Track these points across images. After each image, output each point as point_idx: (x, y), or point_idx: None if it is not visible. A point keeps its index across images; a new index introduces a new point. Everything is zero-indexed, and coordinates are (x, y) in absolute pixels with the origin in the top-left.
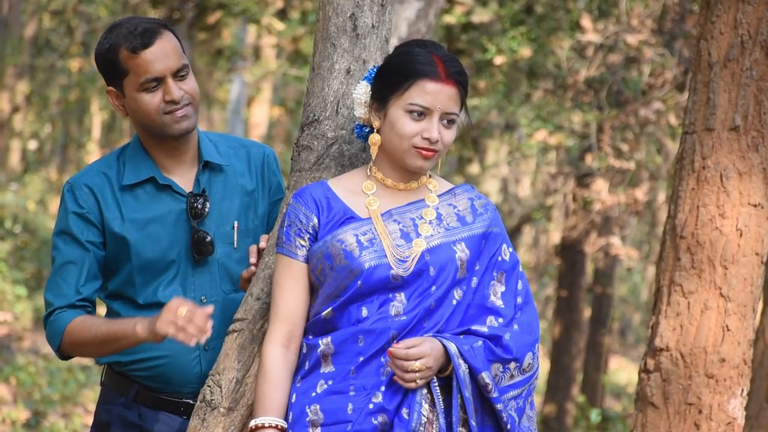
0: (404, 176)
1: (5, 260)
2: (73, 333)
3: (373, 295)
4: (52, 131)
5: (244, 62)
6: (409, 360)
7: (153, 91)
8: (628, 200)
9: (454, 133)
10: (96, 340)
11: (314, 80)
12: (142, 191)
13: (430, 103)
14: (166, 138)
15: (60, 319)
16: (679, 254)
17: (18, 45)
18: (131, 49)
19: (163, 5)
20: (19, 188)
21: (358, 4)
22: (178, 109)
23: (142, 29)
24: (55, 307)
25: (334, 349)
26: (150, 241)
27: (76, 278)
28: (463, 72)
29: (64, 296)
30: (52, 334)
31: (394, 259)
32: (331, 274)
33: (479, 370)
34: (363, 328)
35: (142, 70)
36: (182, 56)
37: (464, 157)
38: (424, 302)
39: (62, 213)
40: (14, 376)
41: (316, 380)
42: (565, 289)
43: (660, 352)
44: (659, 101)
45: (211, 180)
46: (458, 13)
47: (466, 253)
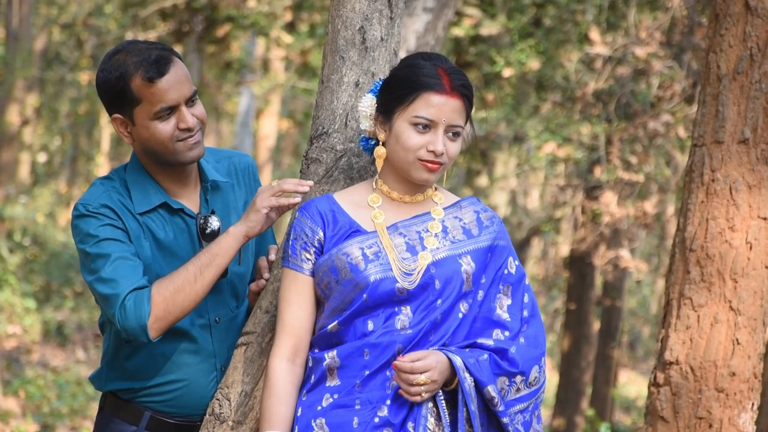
0: (410, 189)
1: (14, 273)
2: (161, 289)
3: (379, 308)
4: (61, 144)
5: (253, 75)
6: (414, 373)
7: (166, 120)
8: (637, 213)
9: (459, 146)
10: (190, 276)
11: (323, 93)
12: (156, 216)
13: (435, 116)
14: (176, 165)
15: (138, 296)
16: (688, 267)
17: (28, 58)
18: (147, 78)
19: (172, 18)
20: (29, 201)
21: (366, 17)
22: (191, 136)
23: (155, 57)
24: (125, 294)
25: (339, 363)
26: (167, 264)
27: (135, 267)
28: (469, 85)
29: (130, 283)
30: (136, 310)
31: (400, 273)
32: (336, 287)
33: (485, 383)
34: (369, 341)
35: (157, 99)
36: (191, 82)
37: (473, 169)
38: (429, 315)
39: (89, 230)
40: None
41: (322, 394)
42: (574, 301)
43: (670, 366)
44: (668, 114)
45: (212, 198)
46: (467, 26)
47: (472, 266)
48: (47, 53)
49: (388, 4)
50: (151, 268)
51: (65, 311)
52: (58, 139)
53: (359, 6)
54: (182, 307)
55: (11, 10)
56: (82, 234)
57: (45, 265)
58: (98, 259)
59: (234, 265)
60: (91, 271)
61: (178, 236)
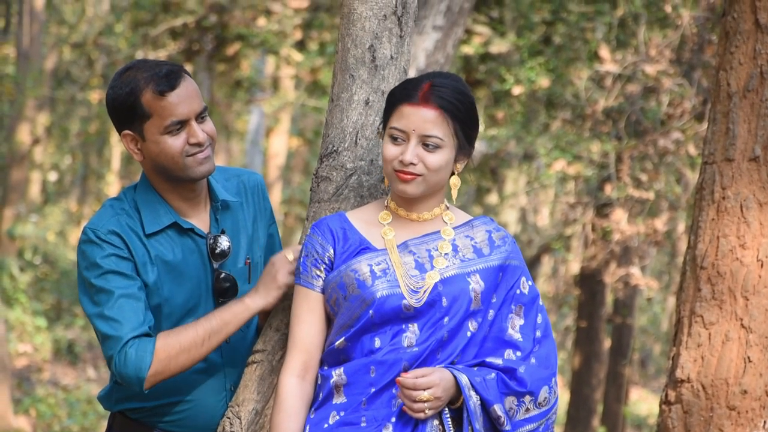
0: (410, 205)
1: (25, 291)
2: (167, 347)
3: (386, 325)
4: (72, 163)
5: (263, 93)
6: (417, 390)
7: (176, 134)
8: (648, 230)
9: (441, 157)
10: (198, 339)
11: (333, 111)
12: (164, 238)
13: (405, 126)
14: (186, 181)
15: (142, 345)
16: (699, 285)
17: (38, 77)
18: (158, 91)
19: (182, 37)
20: (39, 220)
21: (376, 35)
22: (201, 151)
23: (166, 71)
24: (127, 338)
25: (346, 380)
26: (177, 286)
27: (138, 309)
28: (452, 97)
29: (133, 327)
30: (137, 360)
31: (407, 289)
32: (344, 303)
33: (491, 402)
34: (375, 359)
35: (167, 113)
36: (202, 98)
37: (483, 187)
38: (436, 333)
39: (95, 258)
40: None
41: (329, 411)
42: (585, 319)
43: (681, 384)
44: (678, 131)
45: (222, 218)
46: (476, 44)
47: (481, 285)
48: (58, 72)
49: (398, 23)
50: (159, 292)
51: (76, 330)
52: (69, 158)
53: (369, 25)
54: (183, 366)
55: (22, 29)
56: (88, 261)
57: (56, 284)
58: (101, 294)
59: (244, 284)
60: (94, 303)
61: (188, 256)
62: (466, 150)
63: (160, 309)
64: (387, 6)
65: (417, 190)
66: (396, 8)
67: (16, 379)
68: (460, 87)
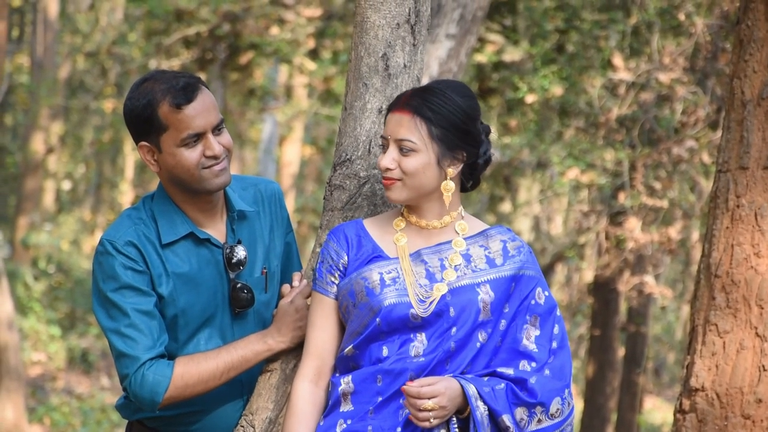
0: (416, 212)
1: (39, 300)
2: (185, 375)
3: (395, 334)
4: (86, 172)
5: (276, 102)
6: (421, 398)
7: (193, 147)
8: (662, 239)
9: (416, 162)
10: (218, 373)
11: (346, 120)
12: (181, 248)
13: (386, 132)
14: (202, 193)
15: (160, 369)
16: (713, 293)
17: (52, 86)
18: (175, 104)
19: (195, 46)
20: (53, 228)
21: (390, 44)
22: (218, 163)
23: (183, 84)
24: (144, 360)
25: (353, 388)
26: (193, 296)
27: (153, 327)
28: (433, 102)
29: (148, 347)
30: (154, 384)
31: (416, 299)
32: (354, 311)
33: (499, 412)
34: (382, 368)
35: (184, 126)
36: (218, 110)
37: (496, 195)
38: (444, 344)
39: (112, 270)
40: (48, 416)
41: (336, 419)
42: (599, 328)
43: (695, 393)
44: (692, 139)
45: (239, 228)
46: (489, 52)
47: (491, 296)
48: (72, 81)
49: (411, 31)
50: (175, 303)
51: (90, 338)
52: (83, 166)
53: (382, 33)
54: (197, 394)
55: (36, 39)
56: (105, 273)
57: (70, 293)
58: (117, 309)
59: (260, 294)
60: (110, 317)
61: (204, 267)
62: (456, 154)
63: (176, 320)
64: (400, 14)
65: (400, 195)
66: (409, 17)
67: (30, 388)
68: (448, 92)
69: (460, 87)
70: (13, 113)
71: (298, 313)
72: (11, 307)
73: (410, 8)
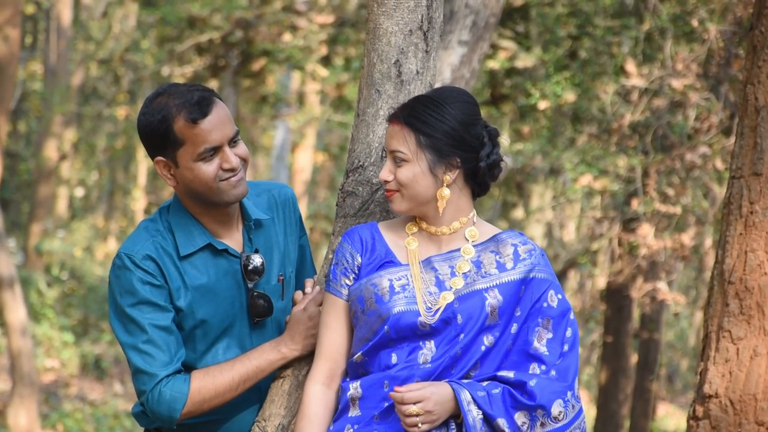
0: (426, 219)
1: (52, 307)
2: (202, 390)
3: (404, 342)
4: (98, 178)
5: (289, 108)
6: (404, 404)
7: (210, 160)
8: (675, 245)
9: (407, 172)
10: (234, 385)
11: (359, 126)
12: (199, 259)
13: (385, 145)
14: (221, 205)
15: (176, 386)
16: (727, 300)
17: (65, 93)
18: (191, 119)
19: (208, 53)
20: (66, 235)
21: (402, 50)
22: (234, 175)
23: (197, 98)
24: (161, 377)
25: (361, 393)
26: (212, 307)
27: (170, 343)
28: (422, 110)
29: (165, 364)
30: (171, 401)
31: (424, 306)
32: (362, 317)
33: (494, 416)
34: (389, 374)
35: (201, 140)
36: (233, 122)
37: (509, 201)
38: (451, 350)
39: (130, 285)
40: (61, 422)
41: (344, 424)
42: (612, 334)
43: (709, 399)
44: (705, 146)
45: (255, 236)
46: (502, 59)
47: (499, 300)
48: (84, 88)
49: (424, 38)
50: (194, 315)
51: (103, 345)
52: (96, 173)
53: (395, 40)
54: (214, 407)
55: (49, 46)
56: (123, 288)
57: (83, 299)
58: (135, 324)
59: (278, 301)
60: (127, 332)
61: (222, 278)
62: (450, 161)
63: (194, 331)
64: (413, 21)
65: (401, 206)
66: (422, 23)
67: (43, 394)
68: (439, 100)
69: (455, 93)
70: (26, 120)
71: (311, 321)
72: (24, 314)
73: (423, 15)
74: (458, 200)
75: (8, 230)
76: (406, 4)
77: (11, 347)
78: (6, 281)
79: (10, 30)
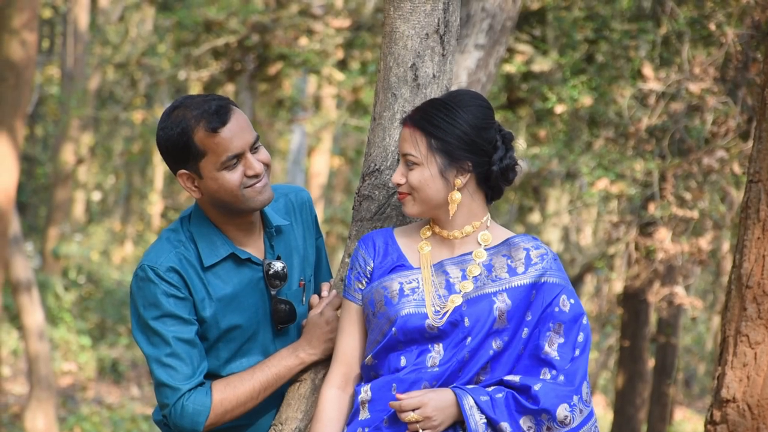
0: (438, 223)
1: (70, 310)
2: (224, 402)
3: (413, 344)
4: (115, 182)
5: (305, 113)
6: (403, 410)
7: (233, 168)
8: (692, 249)
9: (418, 175)
10: (255, 393)
11: (375, 130)
12: (222, 269)
13: (399, 149)
14: (246, 212)
15: (199, 399)
16: (745, 304)
17: (82, 97)
18: (211, 129)
19: (224, 57)
20: (83, 239)
21: (418, 54)
22: (259, 181)
23: (215, 107)
24: (184, 391)
25: (371, 397)
26: (236, 316)
27: (194, 356)
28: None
29: (188, 377)
30: (194, 415)
31: (432, 309)
32: (373, 320)
33: (497, 420)
34: (397, 377)
35: (222, 149)
36: (252, 128)
37: (525, 206)
38: (458, 354)
39: (154, 298)
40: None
41: (355, 427)
42: (628, 338)
43: (726, 404)
44: (723, 150)
45: (276, 243)
46: (518, 63)
47: (507, 304)
48: (101, 92)
49: (440, 42)
50: (218, 325)
51: (120, 348)
52: (113, 177)
53: (411, 43)
54: (237, 416)
55: (66, 50)
56: (146, 300)
57: (100, 303)
58: (159, 337)
59: (299, 306)
60: (151, 344)
61: (245, 286)
62: (462, 164)
63: (219, 340)
64: (429, 25)
65: (413, 209)
66: (438, 27)
67: (60, 398)
68: (451, 104)
69: (469, 97)
70: (43, 124)
71: (328, 325)
72: (42, 318)
73: (439, 18)
74: (470, 204)
75: (26, 234)
76: (423, 8)
77: (29, 351)
78: (23, 285)
79: (27, 34)
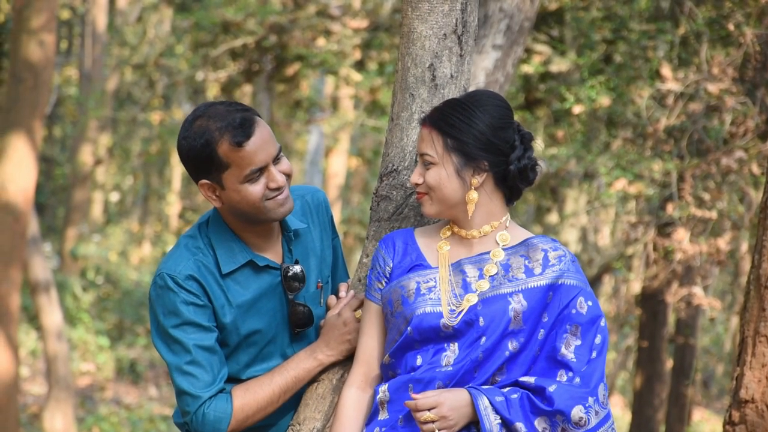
0: (457, 222)
1: (88, 311)
2: (245, 408)
3: (429, 343)
4: (133, 183)
5: (323, 113)
6: (418, 410)
7: (256, 181)
8: (711, 250)
9: (435, 175)
10: (275, 397)
11: (393, 130)
12: (241, 275)
13: (417, 149)
14: (266, 222)
15: (219, 406)
16: (764, 304)
17: (101, 98)
18: (235, 143)
19: (242, 58)
20: (102, 240)
21: (436, 54)
22: (281, 193)
23: (240, 120)
24: (205, 399)
25: (389, 396)
26: (255, 322)
27: (214, 363)
28: (450, 114)
29: (209, 384)
30: (215, 422)
31: (448, 308)
32: (391, 320)
33: (512, 421)
34: (414, 376)
35: (246, 163)
36: (275, 139)
37: (543, 206)
38: (472, 353)
39: (173, 306)
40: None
41: (374, 427)
42: (647, 339)
43: (745, 404)
44: (741, 150)
45: (294, 247)
46: (536, 63)
47: (523, 305)
48: (119, 93)
49: (458, 42)
50: (238, 331)
51: (138, 349)
52: (131, 178)
53: (429, 44)
54: (256, 421)
55: (84, 51)
56: (166, 308)
57: (118, 303)
58: (179, 344)
59: (317, 308)
60: (172, 352)
61: (264, 292)
62: (479, 164)
63: (239, 346)
64: (447, 25)
65: (431, 209)
66: (456, 27)
67: (79, 398)
68: (469, 103)
69: (486, 97)
70: (61, 125)
71: (346, 327)
72: (60, 318)
73: (457, 19)
74: (489, 204)
75: (44, 234)
76: (441, 8)
77: (47, 351)
78: (42, 285)
79: (45, 35)
